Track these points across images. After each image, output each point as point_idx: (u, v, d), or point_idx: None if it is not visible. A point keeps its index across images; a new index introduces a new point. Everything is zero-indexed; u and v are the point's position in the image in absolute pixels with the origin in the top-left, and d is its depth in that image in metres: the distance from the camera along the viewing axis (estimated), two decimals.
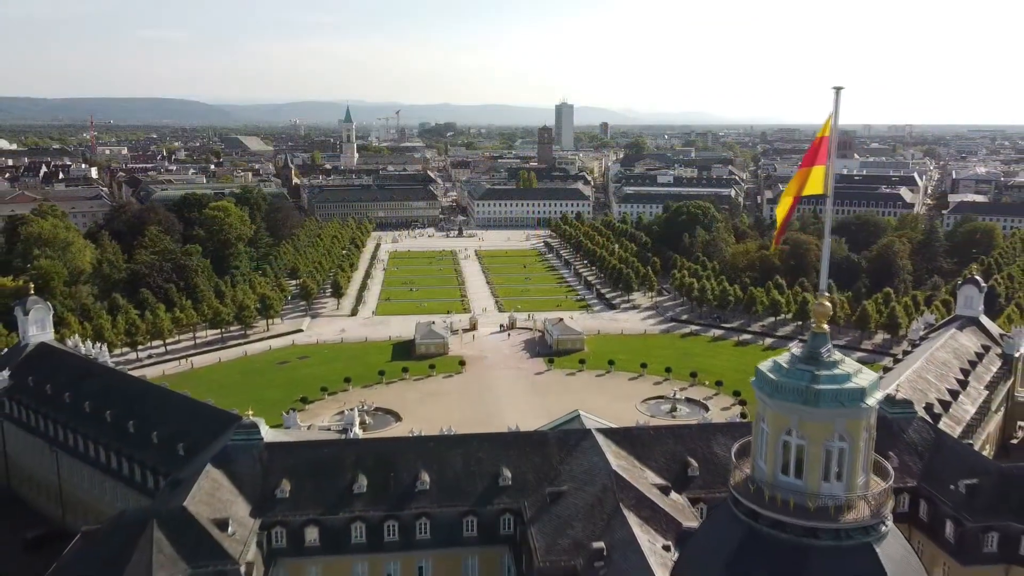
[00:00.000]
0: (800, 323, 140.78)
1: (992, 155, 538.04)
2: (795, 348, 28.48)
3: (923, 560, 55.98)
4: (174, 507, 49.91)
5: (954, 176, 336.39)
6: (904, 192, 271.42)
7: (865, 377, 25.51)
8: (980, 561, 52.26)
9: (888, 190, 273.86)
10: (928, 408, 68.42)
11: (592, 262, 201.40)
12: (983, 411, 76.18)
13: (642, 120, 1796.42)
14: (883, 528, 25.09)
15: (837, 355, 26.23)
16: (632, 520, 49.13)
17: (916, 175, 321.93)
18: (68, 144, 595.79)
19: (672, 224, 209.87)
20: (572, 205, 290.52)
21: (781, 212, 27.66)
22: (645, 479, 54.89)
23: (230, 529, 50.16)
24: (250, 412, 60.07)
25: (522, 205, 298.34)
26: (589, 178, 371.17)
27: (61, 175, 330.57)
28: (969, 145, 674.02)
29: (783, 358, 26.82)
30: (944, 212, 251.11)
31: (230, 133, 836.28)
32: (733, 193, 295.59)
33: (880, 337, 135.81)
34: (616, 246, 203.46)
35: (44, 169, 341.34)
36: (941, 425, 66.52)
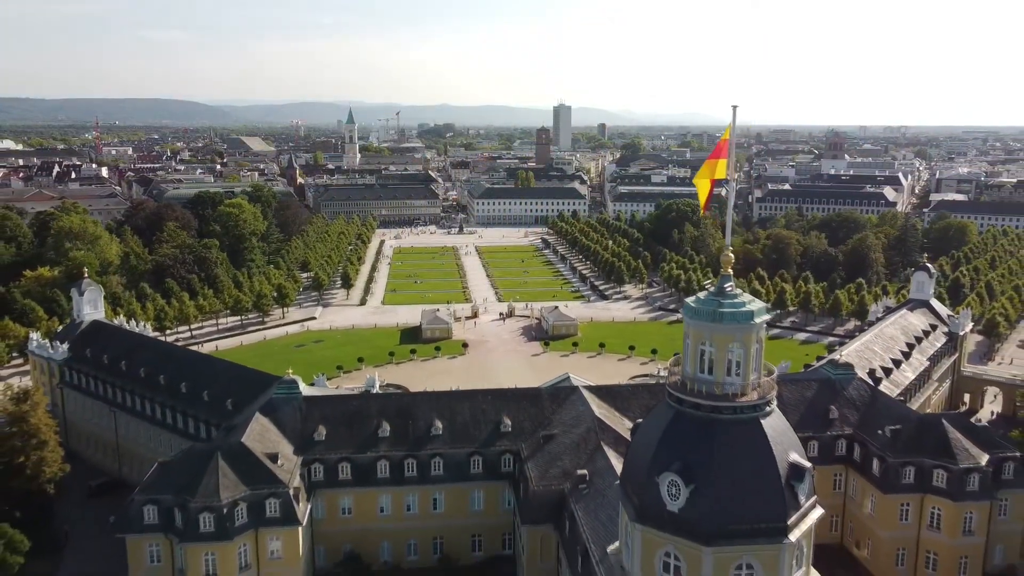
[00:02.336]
0: (778, 311, 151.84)
1: (981, 156, 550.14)
2: (708, 286, 39.27)
3: (855, 493, 67.33)
4: (234, 442, 60.64)
5: (937, 176, 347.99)
6: (888, 191, 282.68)
7: (755, 304, 36.28)
8: (899, 490, 63.04)
9: (872, 189, 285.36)
10: (871, 373, 79.08)
11: (587, 257, 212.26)
12: (923, 378, 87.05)
13: (640, 121, 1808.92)
14: (768, 408, 35.80)
15: (737, 290, 36.91)
16: (611, 454, 59.85)
17: (901, 175, 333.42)
18: (71, 144, 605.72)
19: (663, 221, 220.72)
20: (569, 204, 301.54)
21: (703, 189, 38.57)
22: (623, 424, 65.59)
23: (279, 462, 60.89)
24: (290, 371, 70.77)
25: (520, 204, 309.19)
26: (586, 178, 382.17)
27: (73, 175, 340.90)
28: (960, 146, 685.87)
29: (702, 293, 37.58)
30: (925, 210, 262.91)
31: (231, 133, 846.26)
32: (724, 192, 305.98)
33: (852, 324, 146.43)
34: (610, 242, 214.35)
35: (56, 169, 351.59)
36: (882, 387, 77.32)
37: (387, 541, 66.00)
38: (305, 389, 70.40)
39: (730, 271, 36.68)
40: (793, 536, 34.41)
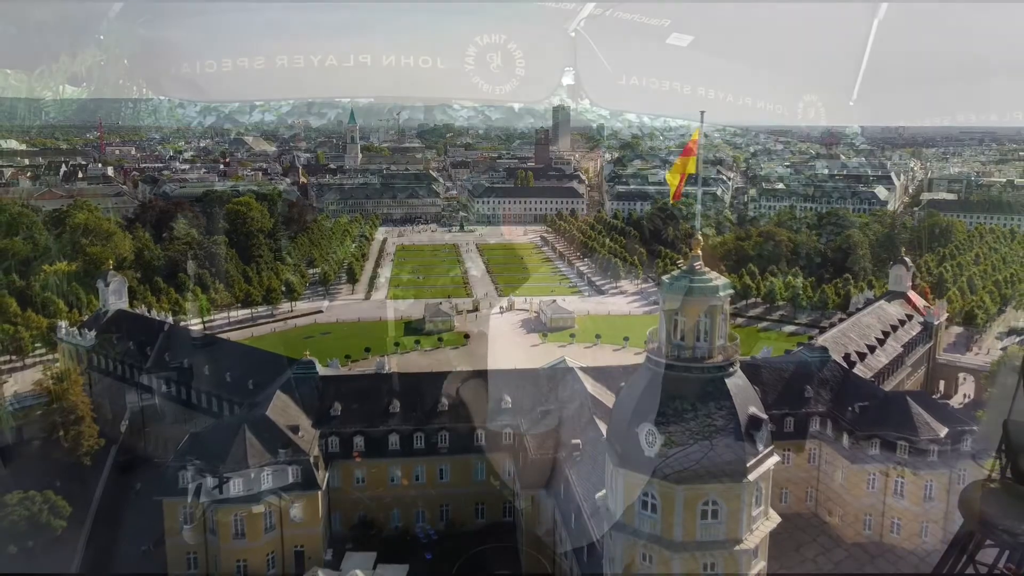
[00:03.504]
0: (768, 305, 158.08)
1: (977, 156, 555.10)
2: (681, 265, 45.25)
3: (827, 465, 73.24)
4: (258, 415, 66.53)
5: (929, 176, 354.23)
6: (880, 190, 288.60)
7: (719, 281, 42.31)
8: (866, 461, 69.02)
9: (864, 188, 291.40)
10: (846, 357, 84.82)
11: (584, 254, 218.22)
12: (896, 363, 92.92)
13: (639, 121, 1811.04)
14: (731, 369, 41.80)
15: (705, 269, 42.93)
16: (602, 426, 65.41)
17: (893, 175, 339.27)
18: (74, 144, 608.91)
19: (659, 219, 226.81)
20: (567, 203, 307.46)
21: (673, 181, 44.33)
22: (613, 400, 71.40)
23: (300, 433, 66.78)
24: (307, 352, 76.68)
25: (520, 203, 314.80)
26: (584, 177, 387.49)
27: (80, 174, 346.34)
28: (957, 147, 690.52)
29: (675, 272, 43.60)
30: (915, 209, 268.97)
31: (232, 133, 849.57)
32: (720, 191, 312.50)
33: (838, 317, 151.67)
34: (607, 239, 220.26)
35: (63, 168, 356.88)
36: (856, 370, 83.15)
37: (397, 509, 71.87)
38: (321, 370, 76.21)
39: (699, 252, 42.66)
40: (751, 476, 40.42)
